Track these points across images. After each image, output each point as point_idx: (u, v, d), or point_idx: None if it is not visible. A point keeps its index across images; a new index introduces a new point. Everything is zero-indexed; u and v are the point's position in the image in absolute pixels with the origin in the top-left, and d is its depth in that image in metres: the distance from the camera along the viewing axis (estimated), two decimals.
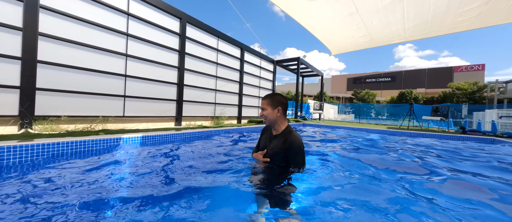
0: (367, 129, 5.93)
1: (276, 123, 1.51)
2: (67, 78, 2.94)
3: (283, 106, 1.51)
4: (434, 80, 42.72)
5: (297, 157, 1.42)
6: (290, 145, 1.41)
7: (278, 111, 1.49)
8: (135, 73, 3.71)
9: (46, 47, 2.75)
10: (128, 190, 1.18)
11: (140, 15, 3.72)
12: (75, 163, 1.69)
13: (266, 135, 1.64)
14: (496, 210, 1.11)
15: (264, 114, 1.51)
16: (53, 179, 1.30)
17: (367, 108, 23.77)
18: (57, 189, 1.14)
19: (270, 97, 1.52)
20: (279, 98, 1.52)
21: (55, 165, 1.59)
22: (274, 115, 1.49)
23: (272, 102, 1.50)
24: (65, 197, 1.04)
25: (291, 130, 1.50)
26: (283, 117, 1.52)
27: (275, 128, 1.54)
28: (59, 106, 2.89)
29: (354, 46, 6.90)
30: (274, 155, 1.46)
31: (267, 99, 1.52)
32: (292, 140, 1.42)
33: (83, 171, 1.48)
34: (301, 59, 8.59)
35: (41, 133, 2.46)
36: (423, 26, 5.04)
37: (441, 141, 4.13)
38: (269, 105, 1.50)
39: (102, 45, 3.26)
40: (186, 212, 0.94)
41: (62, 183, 1.24)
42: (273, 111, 1.49)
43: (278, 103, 1.50)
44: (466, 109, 16.70)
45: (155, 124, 4.12)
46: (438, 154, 2.70)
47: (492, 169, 1.99)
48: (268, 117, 1.50)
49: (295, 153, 1.41)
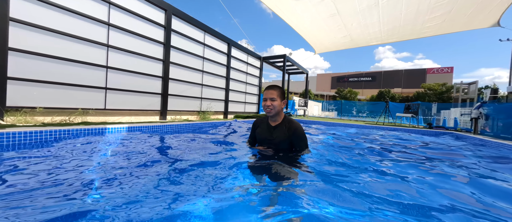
0: (346, 124, 6.32)
1: (278, 114, 1.57)
2: (42, 68, 2.79)
3: (286, 98, 1.62)
4: (410, 80, 45.88)
5: (302, 141, 1.56)
6: (295, 131, 1.53)
7: (284, 103, 1.56)
8: (118, 64, 3.60)
9: (18, 34, 2.59)
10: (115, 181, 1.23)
11: (122, 4, 3.60)
12: (48, 152, 1.68)
13: (262, 128, 1.67)
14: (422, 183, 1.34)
15: (274, 104, 1.51)
16: (22, 169, 1.30)
17: (349, 106, 24.93)
18: (27, 179, 1.16)
19: (279, 89, 1.55)
20: (284, 91, 1.60)
21: (27, 155, 1.57)
22: (280, 106, 1.54)
23: (282, 94, 1.55)
24: (35, 191, 1.07)
25: (291, 119, 1.60)
26: (282, 110, 1.60)
27: (274, 119, 1.59)
28: (34, 97, 2.75)
29: (336, 45, 7.24)
30: (280, 143, 1.55)
31: (277, 90, 1.53)
32: (296, 127, 1.54)
33: (56, 161, 1.49)
34: (287, 57, 8.80)
35: (15, 124, 2.34)
36: (397, 30, 5.46)
37: (408, 135, 4.57)
38: (278, 97, 1.53)
39: (81, 34, 3.12)
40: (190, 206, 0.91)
41: (30, 174, 1.25)
42: (281, 102, 1.54)
43: (284, 96, 1.58)
44: (435, 108, 18.26)
45: (139, 118, 4.05)
46: (402, 145, 3.03)
47: (436, 154, 2.31)
48: (276, 108, 1.51)
49: (300, 138, 1.55)
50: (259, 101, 8.40)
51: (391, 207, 0.98)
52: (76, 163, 1.41)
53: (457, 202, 1.08)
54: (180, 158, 1.66)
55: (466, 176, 1.57)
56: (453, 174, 1.59)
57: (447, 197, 1.13)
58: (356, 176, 1.42)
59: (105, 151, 1.79)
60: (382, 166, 1.74)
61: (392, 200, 1.05)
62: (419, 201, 1.07)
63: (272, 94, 1.52)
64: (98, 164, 1.42)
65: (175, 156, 1.73)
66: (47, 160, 1.45)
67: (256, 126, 1.75)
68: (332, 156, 1.93)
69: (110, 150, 1.81)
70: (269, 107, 1.52)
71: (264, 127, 1.65)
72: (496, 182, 1.44)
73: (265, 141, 1.63)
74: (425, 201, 1.07)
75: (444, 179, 1.46)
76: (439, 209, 0.98)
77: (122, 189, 1.03)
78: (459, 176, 1.55)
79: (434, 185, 1.29)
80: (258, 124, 1.74)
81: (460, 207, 1.02)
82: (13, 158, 1.47)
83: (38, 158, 1.49)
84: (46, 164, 1.37)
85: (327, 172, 1.46)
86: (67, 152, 1.70)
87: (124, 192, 1.00)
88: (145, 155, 1.71)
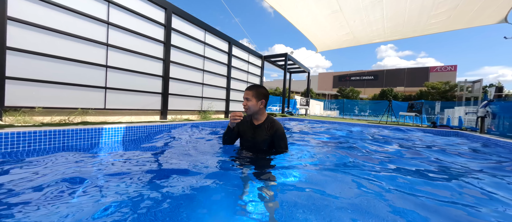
0: (348, 123, 6.24)
1: (257, 114, 1.59)
2: (41, 67, 2.76)
3: (266, 99, 1.59)
4: (412, 79, 45.47)
5: (282, 141, 1.59)
6: (276, 131, 1.56)
7: (262, 103, 1.55)
8: (117, 64, 3.57)
9: (16, 33, 2.56)
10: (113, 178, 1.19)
11: (121, 2, 3.57)
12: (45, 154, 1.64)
13: (245, 125, 1.70)
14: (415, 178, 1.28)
15: (248, 105, 1.54)
16: (18, 170, 1.27)
17: (351, 105, 24.80)
18: (29, 179, 1.12)
19: (255, 89, 1.55)
20: (263, 91, 1.57)
21: (24, 156, 1.53)
22: (257, 106, 1.54)
23: (257, 94, 1.54)
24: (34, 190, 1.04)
25: (273, 119, 1.61)
26: (264, 109, 1.61)
27: (256, 118, 1.62)
28: (33, 96, 2.73)
29: (338, 43, 7.15)
30: (261, 142, 1.58)
31: (252, 90, 1.54)
32: (277, 127, 1.57)
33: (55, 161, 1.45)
34: (288, 55, 8.73)
35: (13, 124, 2.32)
36: (401, 27, 5.36)
37: (413, 134, 4.49)
38: (253, 97, 1.53)
39: (81, 33, 3.09)
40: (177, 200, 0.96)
41: (34, 173, 1.22)
42: (257, 102, 1.54)
43: (262, 95, 1.56)
44: (439, 106, 18.06)
45: (139, 117, 4.02)
46: (404, 145, 2.95)
47: (440, 153, 2.24)
48: (251, 108, 1.54)
49: (280, 138, 1.58)
50: None
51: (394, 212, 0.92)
52: (71, 165, 1.37)
53: (473, 203, 1.02)
54: (171, 160, 1.60)
55: (482, 177, 1.50)
56: (464, 174, 1.53)
57: (462, 200, 1.07)
58: (351, 180, 1.32)
59: (103, 151, 1.75)
60: (387, 167, 1.68)
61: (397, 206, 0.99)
62: (432, 204, 1.01)
63: (247, 94, 1.56)
64: (95, 165, 1.38)
65: (167, 157, 1.68)
66: (44, 161, 1.42)
67: (239, 124, 1.75)
68: (326, 157, 1.87)
69: (107, 150, 1.77)
70: (245, 106, 1.57)
71: (247, 125, 1.68)
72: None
73: (247, 139, 1.67)
74: (438, 204, 1.01)
75: (456, 180, 1.40)
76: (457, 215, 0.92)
77: (114, 191, 0.99)
78: (472, 177, 1.48)
79: (446, 187, 1.23)
80: (242, 122, 1.73)
81: (477, 209, 0.96)
82: (10, 159, 1.44)
83: (35, 159, 1.46)
84: (41, 165, 1.33)
85: (317, 174, 1.40)
86: (64, 152, 1.66)
87: (114, 194, 0.95)
88: (139, 156, 1.67)
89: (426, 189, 1.18)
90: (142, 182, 1.10)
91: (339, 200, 0.98)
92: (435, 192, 1.15)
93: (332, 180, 1.27)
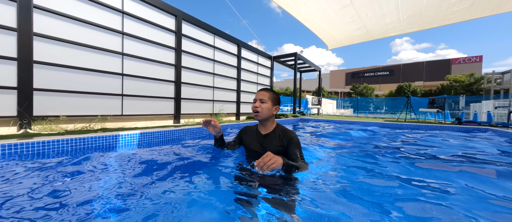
0: (363, 122, 5.99)
1: (268, 120, 1.40)
2: (64, 78, 2.95)
3: (279, 105, 1.44)
4: (432, 73, 42.82)
5: (298, 150, 1.34)
6: (290, 140, 1.33)
7: (276, 109, 1.40)
8: (132, 71, 3.72)
9: (41, 47, 2.76)
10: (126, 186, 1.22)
11: (135, 13, 3.72)
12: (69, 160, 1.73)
13: (250, 136, 1.49)
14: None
15: (263, 107, 1.34)
16: (54, 173, 1.34)
17: (365, 102, 23.88)
18: (56, 183, 1.18)
19: (272, 92, 1.40)
20: (278, 97, 1.44)
21: (56, 161, 1.62)
22: (271, 111, 1.38)
23: (274, 97, 1.40)
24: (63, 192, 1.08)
25: (284, 127, 1.43)
26: (274, 116, 1.44)
27: (265, 126, 1.42)
28: (58, 106, 2.91)
29: (350, 39, 6.91)
30: (276, 154, 1.28)
31: (269, 93, 1.39)
32: (291, 136, 1.35)
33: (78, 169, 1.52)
34: (298, 55, 8.60)
35: (41, 133, 2.49)
36: (418, 18, 5.05)
37: (435, 132, 4.19)
38: (270, 100, 1.37)
39: (98, 44, 3.27)
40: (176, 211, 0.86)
41: (58, 178, 1.28)
42: (272, 107, 1.38)
43: (277, 101, 1.41)
44: (463, 101, 16.82)
45: (154, 122, 4.15)
46: (433, 145, 2.75)
47: (477, 154, 2.05)
48: (264, 112, 1.35)
49: (296, 146, 1.33)
50: None
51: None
52: (91, 174, 1.43)
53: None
54: (184, 165, 1.50)
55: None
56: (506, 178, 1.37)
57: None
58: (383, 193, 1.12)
59: (121, 158, 1.81)
60: (415, 173, 1.56)
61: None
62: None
63: (263, 95, 1.36)
64: (116, 171, 1.43)
65: (182, 162, 1.64)
66: (68, 168, 1.49)
67: (243, 133, 1.58)
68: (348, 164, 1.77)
69: (128, 157, 1.83)
70: (257, 108, 1.35)
71: (253, 136, 1.46)
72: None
73: (254, 152, 1.43)
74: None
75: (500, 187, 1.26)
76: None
77: (132, 200, 1.01)
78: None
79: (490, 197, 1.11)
80: (246, 131, 1.55)
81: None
82: (35, 167, 1.53)
83: (60, 166, 1.54)
84: (66, 172, 1.40)
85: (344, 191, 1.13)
86: (87, 159, 1.74)
87: (131, 204, 0.97)
88: (153, 163, 1.71)
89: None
90: (136, 189, 1.08)
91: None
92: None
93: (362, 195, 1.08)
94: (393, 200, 1.03)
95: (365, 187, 1.19)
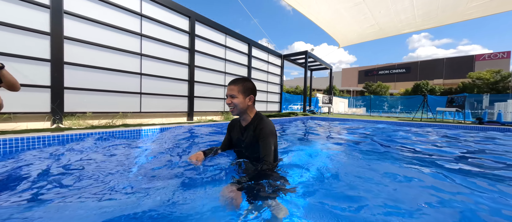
0: (375, 121, 5.88)
1: (245, 113, 1.35)
2: (89, 77, 3.22)
3: (255, 94, 1.35)
4: (453, 70, 40.38)
5: (263, 143, 1.24)
6: (261, 130, 1.26)
7: (250, 100, 1.33)
8: (149, 71, 3.95)
9: (70, 49, 3.03)
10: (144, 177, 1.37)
11: (152, 15, 3.93)
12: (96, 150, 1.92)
13: (235, 130, 1.47)
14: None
15: (234, 102, 1.29)
16: (81, 161, 1.52)
17: (379, 101, 23.10)
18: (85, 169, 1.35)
19: (241, 83, 1.31)
20: (250, 85, 1.34)
21: (83, 150, 1.83)
22: (245, 103, 1.31)
23: (244, 88, 1.30)
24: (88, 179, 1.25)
25: (261, 116, 1.36)
26: (253, 106, 1.37)
27: (244, 118, 1.38)
28: (85, 103, 3.19)
29: (362, 37, 6.77)
30: (249, 147, 1.32)
31: (237, 85, 1.30)
32: (263, 126, 1.27)
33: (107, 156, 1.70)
34: (309, 53, 8.55)
35: (71, 127, 2.75)
36: (434, 14, 4.86)
37: (455, 132, 4.05)
38: (240, 92, 1.29)
39: (119, 45, 3.51)
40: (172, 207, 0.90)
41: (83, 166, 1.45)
42: (245, 99, 1.31)
43: (250, 90, 1.33)
44: (487, 100, 15.75)
45: (169, 119, 4.38)
46: (450, 145, 2.70)
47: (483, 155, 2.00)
48: (238, 106, 1.29)
49: (263, 138, 1.24)
50: (280, 99, 8.33)
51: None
52: (115, 164, 1.60)
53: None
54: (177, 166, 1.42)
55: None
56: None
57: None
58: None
59: (141, 151, 1.99)
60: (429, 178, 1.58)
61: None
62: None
63: (231, 90, 1.29)
64: (137, 164, 1.59)
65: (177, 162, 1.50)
66: (94, 158, 1.68)
67: (231, 129, 1.52)
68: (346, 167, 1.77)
69: (146, 150, 2.00)
70: (230, 105, 1.31)
71: (237, 129, 1.44)
72: None
73: (238, 145, 1.43)
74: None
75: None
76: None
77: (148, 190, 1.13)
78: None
79: None
80: (233, 124, 1.51)
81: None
82: (64, 156, 1.74)
83: (88, 155, 1.73)
84: (93, 162, 1.59)
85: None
86: (107, 152, 1.93)
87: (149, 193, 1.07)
88: (166, 154, 1.85)
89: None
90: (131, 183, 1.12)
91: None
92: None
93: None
94: (387, 196, 1.08)
95: (366, 186, 1.24)
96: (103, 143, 2.18)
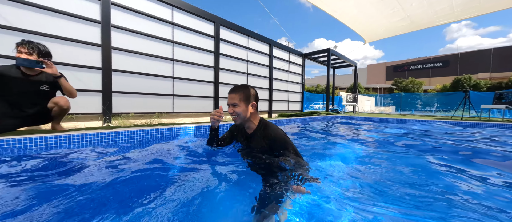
0: (406, 119, 5.50)
1: (249, 121, 1.30)
2: (132, 82, 3.65)
3: (257, 100, 1.31)
4: (502, 61, 35.19)
5: (287, 150, 1.20)
6: (273, 140, 1.21)
7: (253, 107, 1.28)
8: (180, 74, 4.30)
9: (117, 58, 3.47)
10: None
11: (182, 23, 4.28)
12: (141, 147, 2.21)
13: (239, 137, 1.46)
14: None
15: (237, 111, 1.24)
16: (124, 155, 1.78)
17: (411, 99, 21.30)
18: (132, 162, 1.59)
19: (242, 91, 1.26)
20: (251, 91, 1.29)
21: (129, 146, 2.12)
22: (247, 112, 1.26)
23: (245, 96, 1.26)
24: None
25: (266, 122, 1.32)
26: (256, 113, 1.32)
27: (249, 126, 1.33)
28: (128, 105, 3.63)
29: (391, 31, 6.38)
30: (263, 152, 1.27)
31: (237, 93, 1.26)
32: (272, 134, 1.23)
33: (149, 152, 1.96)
34: (331, 50, 8.32)
35: (119, 126, 3.16)
36: (476, 2, 4.38)
37: (498, 131, 3.63)
38: (242, 100, 1.25)
39: (155, 52, 3.90)
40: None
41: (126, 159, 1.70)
42: (247, 107, 1.26)
43: (252, 97, 1.28)
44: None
45: (197, 119, 4.70)
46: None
47: None
48: (241, 115, 1.25)
49: (283, 147, 1.20)
50: (302, 99, 8.26)
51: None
52: (153, 158, 1.83)
53: None
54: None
55: None
56: None
57: None
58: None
59: (179, 148, 2.23)
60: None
61: None
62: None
63: (233, 98, 1.25)
64: (175, 159, 1.81)
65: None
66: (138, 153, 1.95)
67: (237, 130, 1.51)
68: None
69: (181, 146, 2.23)
70: (233, 115, 1.27)
71: (242, 137, 1.41)
72: None
73: (246, 153, 1.37)
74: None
75: None
76: None
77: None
78: None
79: None
80: (236, 131, 1.49)
81: None
82: (114, 151, 2.04)
83: (132, 150, 2.02)
84: (137, 157, 1.85)
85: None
86: (150, 147, 2.21)
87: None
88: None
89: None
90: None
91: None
92: None
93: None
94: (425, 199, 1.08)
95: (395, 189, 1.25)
96: (150, 140, 2.49)
